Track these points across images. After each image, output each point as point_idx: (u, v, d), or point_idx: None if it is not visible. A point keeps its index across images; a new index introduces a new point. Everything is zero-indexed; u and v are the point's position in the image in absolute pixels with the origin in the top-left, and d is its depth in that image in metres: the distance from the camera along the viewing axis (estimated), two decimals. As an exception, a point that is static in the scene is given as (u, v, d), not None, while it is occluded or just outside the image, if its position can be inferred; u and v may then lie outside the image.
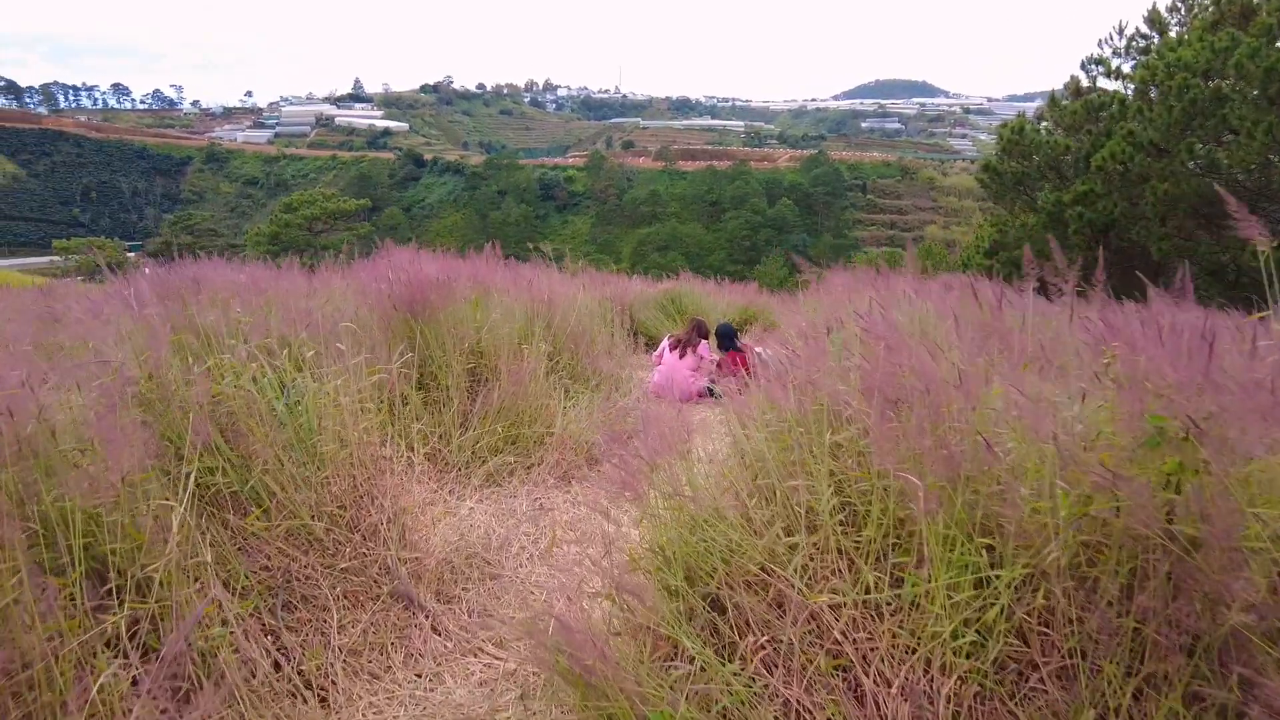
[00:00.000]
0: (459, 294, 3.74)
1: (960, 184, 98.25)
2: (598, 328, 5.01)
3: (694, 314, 8.67)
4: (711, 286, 10.75)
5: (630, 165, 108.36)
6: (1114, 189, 18.75)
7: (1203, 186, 16.88)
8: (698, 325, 6.04)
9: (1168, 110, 17.25)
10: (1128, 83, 22.18)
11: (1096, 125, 20.90)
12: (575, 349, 4.56)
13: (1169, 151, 17.98)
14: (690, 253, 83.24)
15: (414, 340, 3.57)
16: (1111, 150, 18.24)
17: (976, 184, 71.02)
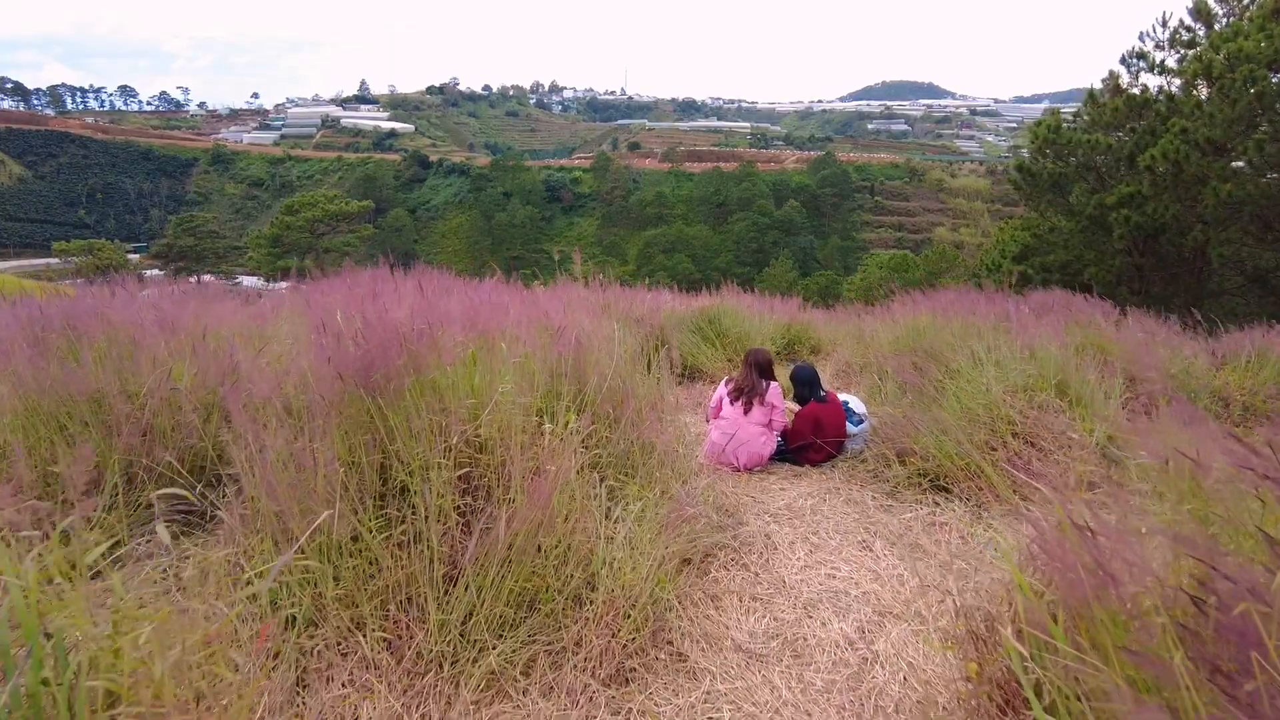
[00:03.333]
0: (446, 349, 2.48)
1: (969, 185, 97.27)
2: (639, 376, 3.76)
3: (737, 338, 7.44)
4: (750, 301, 9.50)
5: (636, 167, 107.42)
6: (1164, 190, 17.47)
7: (1272, 187, 15.56)
8: (758, 362, 4.69)
9: (1230, 105, 15.93)
10: (1172, 77, 20.92)
11: (1140, 123, 19.63)
12: (615, 415, 3.29)
13: (1229, 150, 16.70)
14: (697, 255, 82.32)
15: (374, 430, 2.33)
16: (1163, 149, 16.95)
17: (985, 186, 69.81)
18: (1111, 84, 21.46)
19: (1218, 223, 16.72)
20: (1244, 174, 16.28)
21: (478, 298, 3.85)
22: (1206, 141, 16.18)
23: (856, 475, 4.23)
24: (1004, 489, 3.67)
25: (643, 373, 4.07)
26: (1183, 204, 17.22)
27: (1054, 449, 3.92)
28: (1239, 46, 16.06)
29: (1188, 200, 17.12)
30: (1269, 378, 6.31)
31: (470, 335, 2.73)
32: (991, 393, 4.04)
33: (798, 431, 4.57)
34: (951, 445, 3.77)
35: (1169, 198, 17.33)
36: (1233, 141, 16.32)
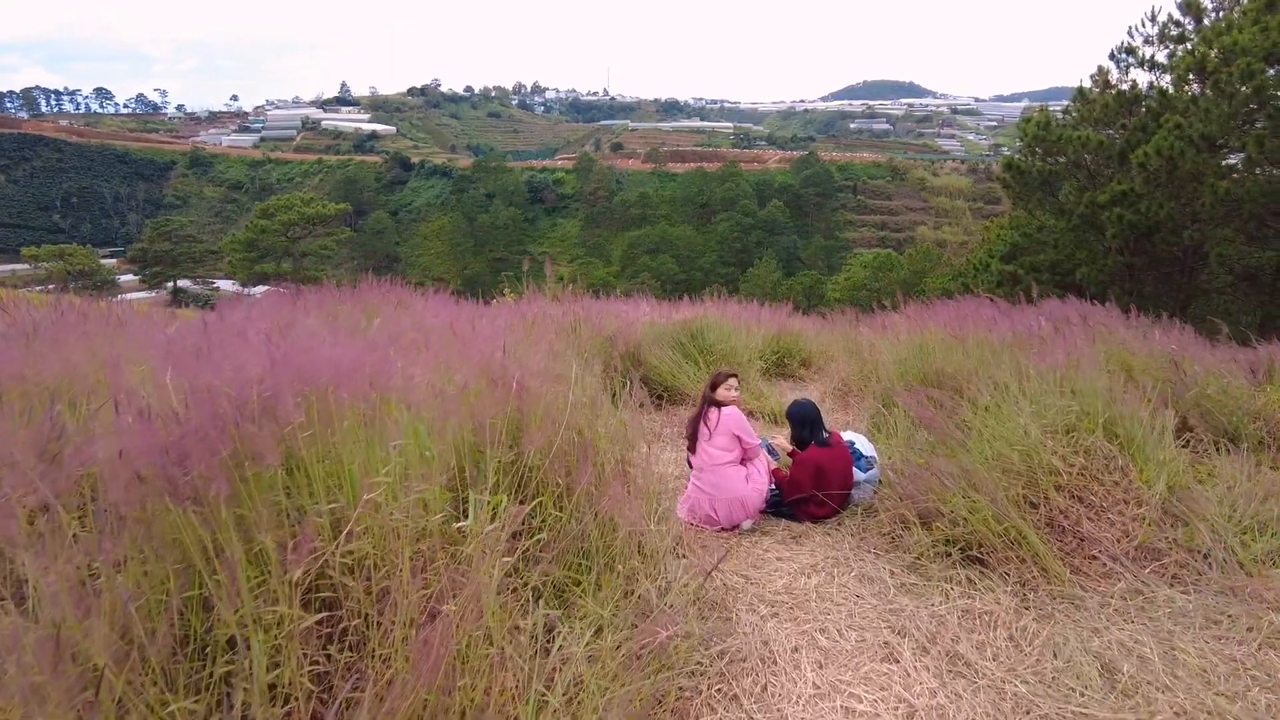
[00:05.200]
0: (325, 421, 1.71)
1: (951, 184, 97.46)
2: (604, 423, 3.03)
3: (723, 354, 6.72)
4: (736, 310, 8.79)
5: (619, 167, 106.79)
6: (1157, 188, 16.96)
7: (1272, 184, 15.05)
8: (710, 388, 4.09)
9: (1227, 99, 15.41)
10: (1162, 73, 20.46)
11: (1131, 119, 19.15)
12: (568, 485, 2.54)
13: (1225, 146, 16.21)
14: (681, 255, 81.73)
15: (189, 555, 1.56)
16: (1156, 145, 16.42)
17: (967, 184, 70.32)
18: (1101, 80, 20.95)
19: (1215, 221, 16.22)
20: (1242, 170, 15.80)
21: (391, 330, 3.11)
22: (1202, 138, 15.65)
23: (869, 539, 3.52)
24: (1053, 563, 2.98)
25: (610, 416, 3.34)
26: (1177, 202, 16.72)
27: (1107, 505, 3.23)
28: (1234, 40, 15.55)
29: (1182, 198, 16.61)
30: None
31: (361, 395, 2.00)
32: (1030, 435, 3.35)
33: (796, 482, 3.85)
34: (985, 505, 3.07)
35: (1163, 195, 16.81)
36: (1229, 137, 15.82)
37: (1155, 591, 2.91)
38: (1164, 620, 2.74)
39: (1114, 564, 3.03)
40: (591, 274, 79.80)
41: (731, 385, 4.08)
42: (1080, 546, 3.10)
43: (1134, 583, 2.96)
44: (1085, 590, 2.91)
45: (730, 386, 4.07)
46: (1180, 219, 16.80)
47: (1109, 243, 17.98)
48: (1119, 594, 2.90)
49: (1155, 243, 17.75)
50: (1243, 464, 4.08)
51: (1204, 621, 2.72)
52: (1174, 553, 3.10)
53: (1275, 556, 3.18)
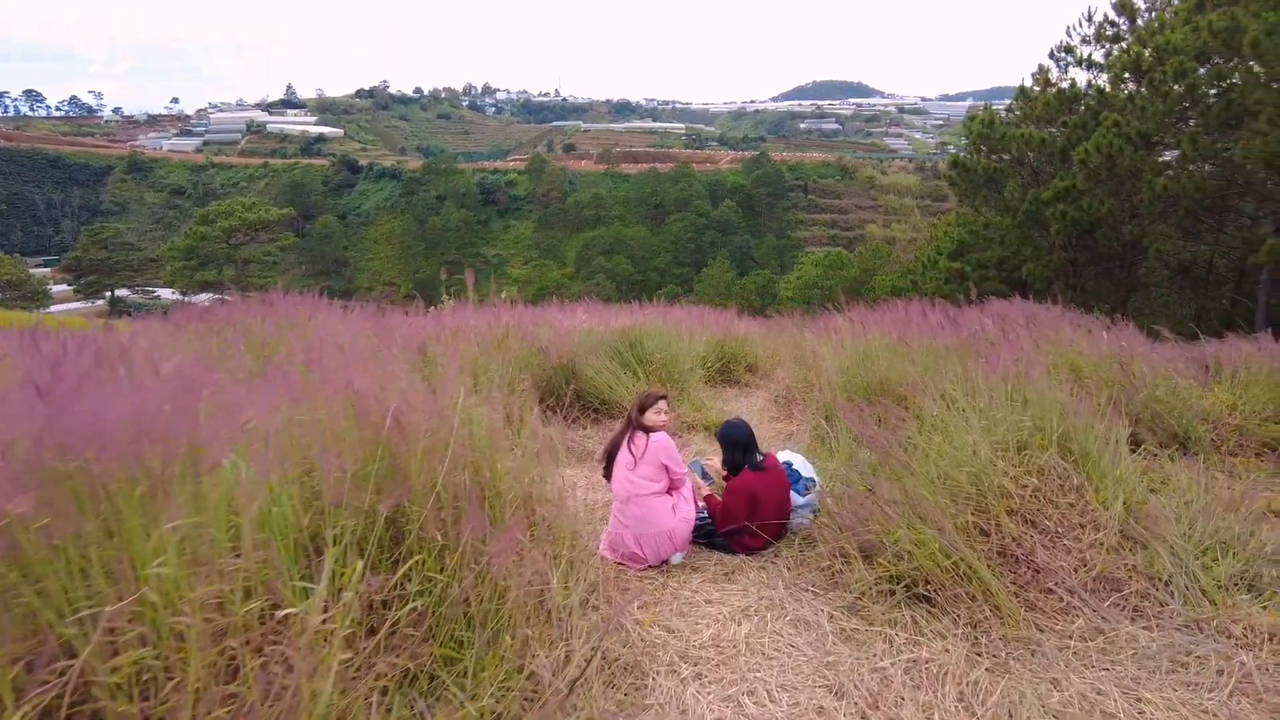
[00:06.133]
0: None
1: (899, 183, 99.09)
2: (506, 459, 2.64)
3: (662, 362, 6.38)
4: (680, 316, 8.48)
5: (572, 168, 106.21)
6: (1098, 184, 17.16)
7: (1207, 181, 15.30)
8: (633, 407, 3.68)
9: (1161, 98, 15.63)
10: (1099, 72, 20.79)
11: (1072, 116, 19.39)
12: (452, 537, 2.12)
13: (1161, 143, 16.46)
14: (636, 256, 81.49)
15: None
16: (1096, 143, 16.60)
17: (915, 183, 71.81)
18: (1042, 79, 21.21)
19: (1152, 216, 16.46)
20: (1177, 167, 16.06)
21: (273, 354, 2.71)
22: (1139, 135, 15.86)
23: (806, 575, 3.20)
24: (1006, 600, 2.69)
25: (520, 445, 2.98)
26: (1117, 198, 16.93)
27: (1063, 530, 2.97)
28: (1166, 39, 15.79)
29: (1122, 194, 16.83)
30: (1260, 396, 5.56)
31: (157, 453, 1.60)
32: (979, 455, 3.07)
33: (729, 511, 3.51)
34: (932, 537, 2.78)
35: (1103, 192, 17.01)
36: (1164, 135, 16.07)
37: (1116, 629, 2.64)
38: (1127, 664, 2.47)
39: (1071, 597, 2.76)
40: (546, 276, 79.12)
41: (661, 409, 3.69)
42: (1035, 579, 2.82)
43: (1093, 619, 2.69)
44: (1042, 630, 2.64)
45: (660, 410, 3.68)
46: (1120, 215, 17.02)
47: (1053, 239, 18.15)
48: (1078, 634, 2.62)
49: (1097, 239, 17.96)
50: (1198, 474, 3.89)
51: (1170, 664, 2.46)
52: (1134, 581, 2.84)
53: (1238, 580, 2.95)
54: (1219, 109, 14.02)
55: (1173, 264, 17.40)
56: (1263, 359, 5.94)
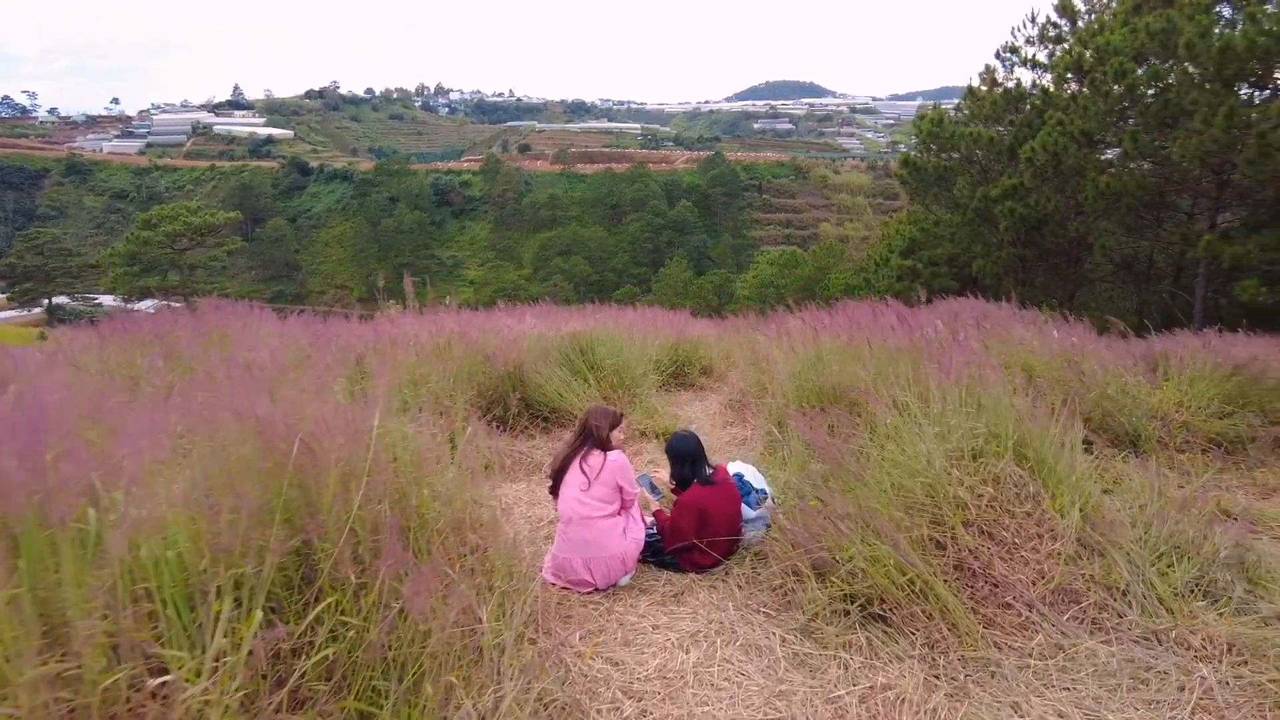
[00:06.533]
0: None
1: (851, 182, 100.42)
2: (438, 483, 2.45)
3: (614, 368, 6.21)
4: (633, 318, 8.32)
5: (527, 169, 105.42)
6: (1045, 182, 17.48)
7: (1147, 179, 15.67)
8: (588, 426, 3.42)
9: (1103, 97, 15.95)
10: (1043, 71, 21.21)
11: (1018, 115, 19.73)
12: (368, 575, 1.94)
13: (1103, 141, 16.81)
14: (593, 256, 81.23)
15: None
16: (1042, 141, 16.88)
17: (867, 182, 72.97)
18: (989, 78, 21.56)
19: (1096, 213, 16.79)
20: (1119, 165, 16.40)
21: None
22: (1082, 133, 16.16)
23: (758, 594, 3.06)
24: (963, 618, 2.59)
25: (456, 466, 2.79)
26: (1063, 195, 17.25)
27: (1020, 541, 2.88)
28: (1106, 40, 16.12)
29: (1067, 191, 17.15)
30: (1205, 392, 5.60)
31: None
32: (933, 464, 2.96)
33: (678, 528, 3.35)
34: (886, 553, 2.66)
35: (1050, 189, 17.31)
36: (1106, 133, 16.40)
37: (1076, 644, 2.55)
38: (1088, 683, 2.38)
39: (1030, 612, 2.67)
40: (502, 278, 78.36)
41: (623, 428, 3.52)
42: (993, 593, 2.73)
43: (1053, 634, 2.60)
44: (1001, 649, 2.54)
45: (623, 429, 3.50)
46: (1066, 212, 17.34)
47: (1002, 235, 18.43)
48: (1037, 651, 2.53)
49: (1044, 235, 18.29)
50: (1150, 474, 3.85)
51: (1131, 682, 2.38)
52: (1092, 592, 2.76)
53: (1194, 587, 2.90)
54: (1157, 108, 14.34)
55: (1116, 259, 17.78)
56: (1207, 355, 6.00)
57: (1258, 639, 2.57)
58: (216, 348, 4.69)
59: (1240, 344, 6.44)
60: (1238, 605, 2.82)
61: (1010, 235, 18.11)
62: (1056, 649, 2.54)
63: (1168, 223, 17.40)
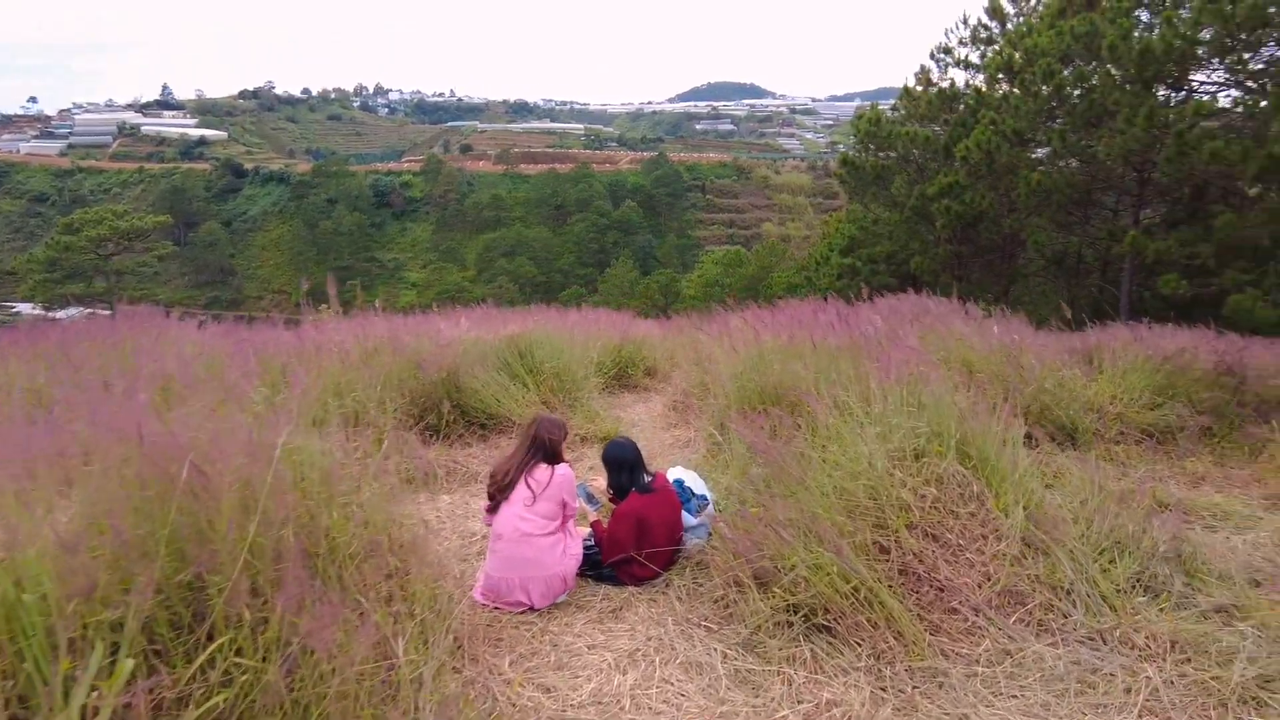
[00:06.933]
0: None
1: (792, 182, 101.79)
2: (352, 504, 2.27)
3: (554, 372, 6.04)
4: (575, 320, 8.16)
5: (470, 169, 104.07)
6: (979, 179, 17.87)
7: (1075, 176, 16.14)
8: (540, 439, 3.21)
9: (1032, 97, 16.38)
10: (976, 72, 21.71)
11: (953, 114, 20.15)
12: (267, 609, 1.69)
13: (1034, 140, 17.25)
14: (538, 257, 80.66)
15: None
16: (976, 139, 17.25)
17: (807, 182, 74.27)
18: (924, 78, 21.98)
19: (1029, 210, 17.23)
20: (1048, 163, 16.87)
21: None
22: (1014, 132, 16.56)
23: (699, 607, 2.93)
24: (909, 626, 2.50)
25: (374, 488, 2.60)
26: (997, 192, 17.66)
27: (965, 543, 2.82)
28: (1034, 42, 16.55)
29: (1001, 189, 17.56)
30: (1137, 384, 5.70)
31: None
32: (875, 466, 2.88)
33: (616, 539, 3.20)
34: (829, 560, 2.56)
35: (984, 187, 17.70)
36: (1036, 132, 16.84)
37: (1023, 648, 2.49)
38: (1036, 689, 2.32)
39: (976, 616, 2.60)
40: (445, 279, 77.14)
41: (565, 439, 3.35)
42: (939, 598, 2.65)
43: (999, 639, 2.54)
44: (948, 656, 2.46)
45: (567, 442, 3.33)
46: (1000, 209, 17.75)
47: (939, 233, 18.78)
48: (984, 657, 2.46)
49: (980, 232, 18.69)
50: (1089, 468, 3.85)
51: (1078, 685, 2.32)
52: (1038, 593, 2.71)
53: (1135, 582, 2.88)
54: (1082, 108, 14.75)
55: (1048, 254, 18.26)
56: (1138, 347, 6.11)
57: (1199, 634, 2.55)
58: (120, 359, 4.39)
59: (1168, 336, 6.61)
60: (1178, 600, 2.81)
61: (947, 232, 18.47)
62: (1004, 654, 2.48)
63: (1095, 219, 17.97)
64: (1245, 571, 3.16)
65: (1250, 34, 12.29)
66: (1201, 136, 12.17)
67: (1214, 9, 11.91)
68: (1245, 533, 3.76)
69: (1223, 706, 2.24)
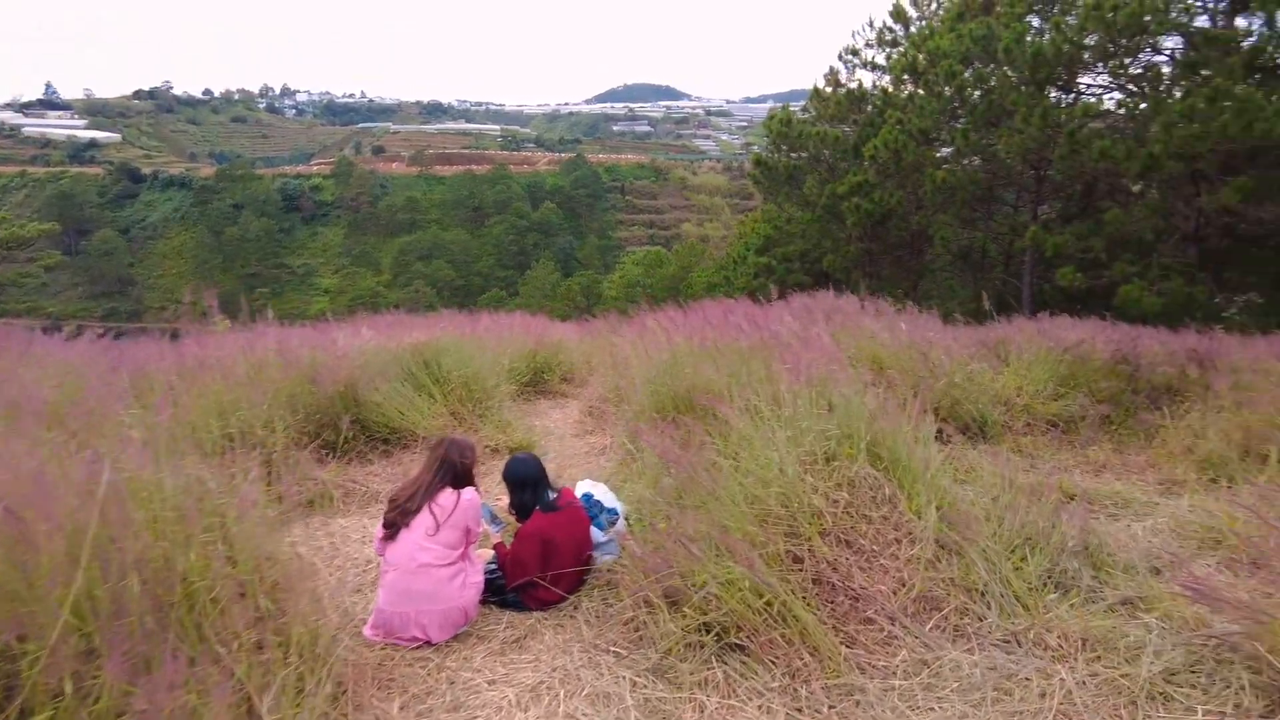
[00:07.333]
0: None
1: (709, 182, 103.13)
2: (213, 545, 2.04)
3: (462, 380, 5.78)
4: (486, 325, 7.89)
5: (383, 171, 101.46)
6: (887, 178, 18.33)
7: (977, 174, 16.70)
8: (449, 460, 2.98)
9: (935, 97, 16.88)
10: (882, 73, 22.28)
11: (861, 115, 20.62)
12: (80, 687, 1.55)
13: (938, 139, 17.77)
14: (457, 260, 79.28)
15: None
16: (884, 139, 17.67)
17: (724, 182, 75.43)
18: (832, 79, 22.43)
19: (935, 207, 17.75)
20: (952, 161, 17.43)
21: None
22: (919, 132, 17.02)
23: (608, 631, 2.76)
24: (824, 640, 2.40)
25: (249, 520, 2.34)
26: (904, 190, 18.14)
27: (879, 548, 2.74)
28: (936, 44, 17.07)
29: (908, 187, 18.05)
30: (1041, 375, 5.84)
31: None
32: (786, 472, 2.78)
33: (519, 562, 3.00)
34: (741, 574, 2.44)
35: (892, 185, 18.15)
36: (939, 131, 17.37)
37: (940, 655, 2.43)
38: (954, 700, 2.25)
39: (892, 625, 2.53)
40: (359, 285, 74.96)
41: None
42: (854, 608, 2.57)
43: (916, 648, 2.47)
44: (864, 671, 2.37)
45: (466, 473, 3.09)
46: (908, 206, 18.23)
47: (850, 231, 19.16)
48: (901, 669, 2.38)
49: (889, 229, 19.16)
50: (1000, 462, 3.87)
51: (995, 693, 2.27)
52: (953, 597, 2.66)
53: (1046, 579, 2.86)
54: (983, 108, 15.26)
55: (954, 250, 18.86)
56: (1041, 339, 6.26)
57: (1107, 629, 2.54)
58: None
59: (1068, 327, 6.81)
60: (1086, 594, 2.81)
61: (857, 230, 18.86)
62: (921, 665, 2.40)
63: (997, 215, 18.66)
64: (1146, 559, 3.20)
65: (1130, 40, 12.94)
66: (1090, 136, 12.75)
67: (1097, 16, 12.49)
68: (1144, 519, 3.84)
69: (1133, 705, 2.21)
